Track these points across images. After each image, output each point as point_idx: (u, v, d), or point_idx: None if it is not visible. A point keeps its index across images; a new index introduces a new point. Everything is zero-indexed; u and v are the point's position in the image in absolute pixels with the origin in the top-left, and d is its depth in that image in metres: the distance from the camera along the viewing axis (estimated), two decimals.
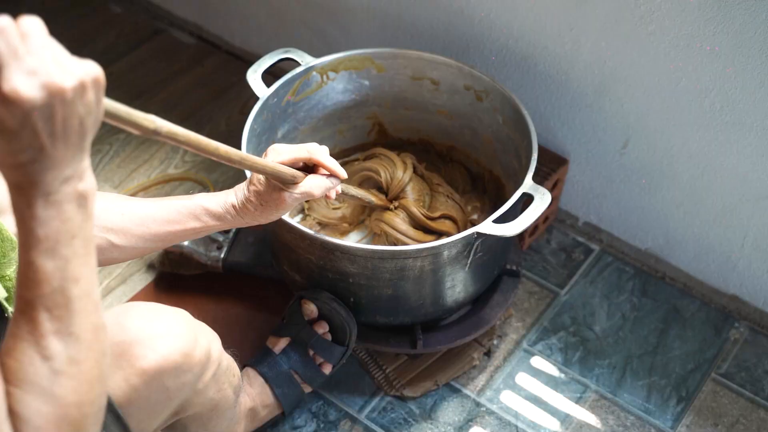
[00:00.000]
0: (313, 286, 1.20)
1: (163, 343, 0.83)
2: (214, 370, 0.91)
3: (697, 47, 1.15)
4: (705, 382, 1.29)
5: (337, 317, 1.19)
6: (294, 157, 0.96)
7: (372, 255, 1.10)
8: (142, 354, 0.81)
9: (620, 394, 1.28)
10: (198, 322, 0.92)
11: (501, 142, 1.33)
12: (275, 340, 1.22)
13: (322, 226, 1.35)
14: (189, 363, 0.85)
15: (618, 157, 1.35)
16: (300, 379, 1.20)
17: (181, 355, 0.84)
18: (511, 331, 1.36)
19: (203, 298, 1.40)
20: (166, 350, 0.83)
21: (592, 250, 1.47)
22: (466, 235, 1.07)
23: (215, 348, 0.93)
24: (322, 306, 1.20)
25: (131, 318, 0.83)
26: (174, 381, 0.85)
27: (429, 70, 1.34)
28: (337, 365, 1.22)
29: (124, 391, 0.81)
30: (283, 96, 1.28)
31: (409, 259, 1.10)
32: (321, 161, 0.97)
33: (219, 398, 0.98)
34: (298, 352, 1.20)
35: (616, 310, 1.38)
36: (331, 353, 1.20)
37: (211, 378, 0.91)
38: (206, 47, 1.87)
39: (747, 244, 1.30)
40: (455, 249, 1.10)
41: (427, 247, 1.08)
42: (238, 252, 1.37)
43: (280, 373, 1.19)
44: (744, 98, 1.15)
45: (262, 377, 1.19)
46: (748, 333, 1.35)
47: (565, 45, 1.28)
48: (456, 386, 1.29)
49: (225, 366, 0.96)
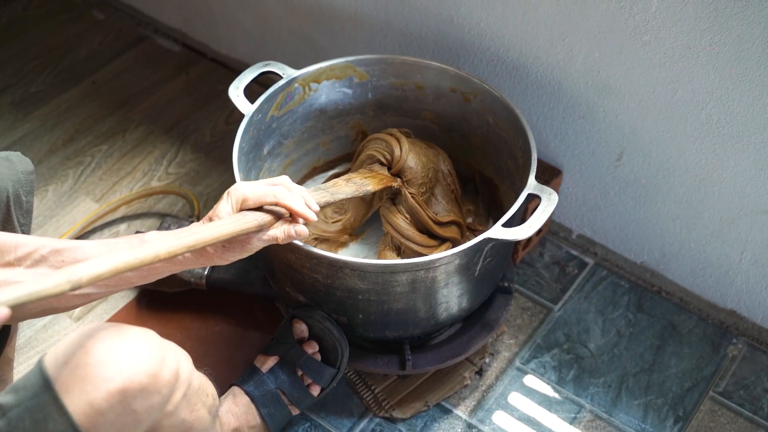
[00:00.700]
0: (319, 306, 1.16)
1: (129, 364, 0.79)
2: (184, 391, 0.87)
3: (694, 58, 1.11)
4: (703, 400, 1.26)
5: (329, 337, 1.16)
6: (260, 203, 0.94)
7: (384, 270, 1.07)
8: (107, 376, 0.78)
9: (616, 414, 1.24)
10: (166, 342, 0.88)
11: (492, 143, 1.30)
12: (263, 359, 1.18)
13: (320, 241, 1.31)
14: (156, 384, 0.82)
15: (612, 168, 1.32)
16: (287, 399, 1.17)
17: (147, 376, 0.80)
18: (503, 348, 1.32)
19: (186, 315, 1.36)
20: (132, 371, 0.79)
21: (586, 264, 1.44)
22: (478, 242, 1.04)
23: (185, 368, 0.89)
24: (314, 325, 1.17)
25: (95, 340, 0.79)
26: (141, 403, 0.81)
27: (412, 75, 1.31)
28: (327, 387, 1.18)
29: (89, 415, 0.77)
30: (267, 111, 1.25)
31: (420, 271, 1.07)
32: (289, 206, 0.95)
33: (192, 419, 0.94)
34: (286, 372, 1.17)
35: (611, 326, 1.35)
36: (320, 374, 1.17)
37: (181, 399, 0.88)
38: (191, 55, 1.83)
39: (745, 258, 1.26)
40: (467, 257, 1.08)
41: (439, 257, 1.05)
42: (222, 269, 1.33)
43: (267, 393, 1.15)
44: (742, 110, 1.12)
45: (248, 396, 1.15)
46: (747, 349, 1.32)
47: (557, 54, 1.25)
48: (447, 407, 1.25)
49: (197, 386, 0.93)
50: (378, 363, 1.21)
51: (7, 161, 0.96)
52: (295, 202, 0.96)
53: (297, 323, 1.17)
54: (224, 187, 1.56)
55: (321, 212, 1.34)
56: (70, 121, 1.68)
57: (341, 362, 1.17)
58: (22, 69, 1.79)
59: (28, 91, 1.75)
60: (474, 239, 1.05)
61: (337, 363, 1.17)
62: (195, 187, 1.56)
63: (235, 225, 0.91)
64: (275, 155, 1.31)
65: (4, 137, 1.65)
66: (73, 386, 0.76)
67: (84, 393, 0.76)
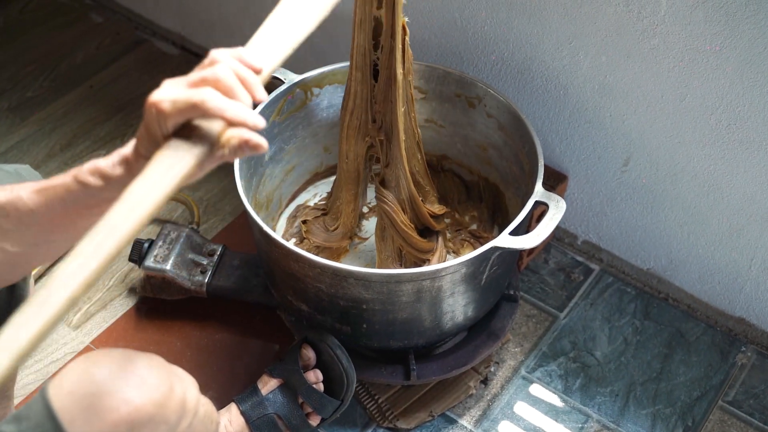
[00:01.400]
0: (322, 315, 1.14)
1: (136, 393, 0.76)
2: (190, 420, 0.85)
3: (703, 62, 1.09)
4: (712, 410, 1.24)
5: (337, 368, 1.13)
6: (185, 119, 0.67)
7: (389, 279, 1.05)
8: (113, 406, 0.75)
9: (623, 424, 1.22)
10: (173, 368, 0.86)
11: (497, 149, 1.28)
12: (266, 380, 1.16)
13: (320, 249, 1.29)
14: (163, 414, 0.79)
15: (619, 174, 1.30)
16: (283, 425, 1.14)
17: (154, 406, 0.78)
18: (508, 357, 1.30)
19: (187, 323, 1.34)
20: (139, 401, 0.76)
21: (592, 270, 1.42)
22: (485, 251, 1.03)
23: (191, 396, 0.86)
24: (323, 351, 1.14)
25: (100, 367, 0.77)
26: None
27: (416, 79, 1.29)
28: (328, 419, 1.16)
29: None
30: (268, 117, 1.23)
31: (426, 281, 1.05)
32: (227, 117, 0.67)
33: None
34: (287, 397, 1.14)
35: (617, 333, 1.33)
36: (321, 405, 1.14)
37: (187, 428, 0.85)
38: (190, 58, 1.81)
39: (755, 265, 1.24)
40: (473, 266, 1.06)
41: (446, 266, 1.03)
42: (222, 276, 1.31)
43: (263, 417, 1.12)
44: (752, 115, 1.10)
45: (243, 417, 1.13)
46: (756, 357, 1.30)
47: (563, 59, 1.23)
48: (451, 416, 1.23)
49: (202, 414, 0.90)
50: (382, 373, 1.19)
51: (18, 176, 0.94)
52: (233, 108, 0.67)
53: (305, 349, 1.14)
54: (224, 192, 1.54)
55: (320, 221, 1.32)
56: (67, 126, 1.66)
57: (346, 394, 1.14)
58: (18, 73, 1.77)
59: (25, 96, 1.72)
60: (481, 248, 1.03)
61: (342, 394, 1.14)
62: (194, 192, 1.53)
63: (162, 185, 0.65)
64: (277, 161, 1.29)
65: (1, 142, 1.63)
66: (78, 416, 0.73)
67: (89, 423, 0.73)
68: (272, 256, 1.14)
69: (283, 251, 1.06)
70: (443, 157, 1.39)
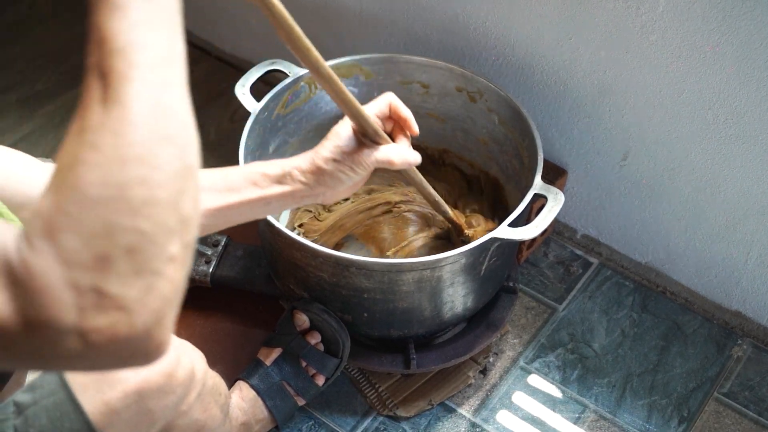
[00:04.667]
0: (324, 304, 1.16)
1: None
2: (198, 391, 0.88)
3: (701, 58, 1.11)
4: (707, 401, 1.25)
5: (328, 329, 1.16)
6: (378, 110, 0.90)
7: (389, 269, 1.07)
8: (122, 376, 0.78)
9: (620, 414, 1.24)
10: (181, 341, 0.89)
11: (498, 143, 1.30)
12: (267, 352, 1.19)
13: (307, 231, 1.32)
14: (171, 384, 0.82)
15: (618, 168, 1.32)
16: (292, 390, 1.17)
17: (163, 377, 0.81)
18: (507, 348, 1.32)
19: (191, 313, 1.36)
20: (148, 371, 0.80)
21: (590, 264, 1.43)
22: (484, 241, 1.04)
23: (199, 368, 0.89)
24: (313, 318, 1.17)
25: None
26: (156, 403, 0.82)
27: (418, 74, 1.31)
28: (331, 377, 1.19)
29: (104, 414, 0.78)
30: (273, 110, 1.25)
31: (426, 270, 1.07)
32: (402, 114, 0.91)
33: (205, 418, 0.95)
34: (290, 363, 1.17)
35: (615, 326, 1.35)
36: (323, 364, 1.17)
37: (195, 399, 0.88)
38: (196, 53, 1.83)
39: (751, 259, 1.26)
40: (472, 257, 1.08)
41: (445, 257, 1.05)
42: (226, 266, 1.33)
43: (272, 385, 1.16)
44: (749, 110, 1.12)
45: (253, 390, 1.16)
46: (752, 350, 1.32)
47: (563, 54, 1.24)
48: (450, 405, 1.25)
49: (210, 385, 0.93)
50: (382, 362, 1.21)
51: None
52: (407, 112, 0.92)
53: (297, 314, 1.18)
54: None
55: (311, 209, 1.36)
56: None
57: (343, 352, 1.17)
58: (27, 67, 1.80)
59: (33, 89, 1.75)
60: (480, 239, 1.05)
61: (339, 353, 1.17)
62: None
63: (362, 108, 0.87)
64: (281, 154, 1.31)
65: (10, 134, 1.65)
66: (89, 385, 0.76)
67: (100, 392, 0.77)
68: (275, 246, 1.16)
69: (287, 241, 1.08)
70: (444, 151, 1.41)
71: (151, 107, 0.50)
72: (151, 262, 0.49)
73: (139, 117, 0.49)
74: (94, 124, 0.49)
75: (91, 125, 0.49)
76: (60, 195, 0.48)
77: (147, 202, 0.49)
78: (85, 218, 0.47)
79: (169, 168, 0.50)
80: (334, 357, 1.17)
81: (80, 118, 0.49)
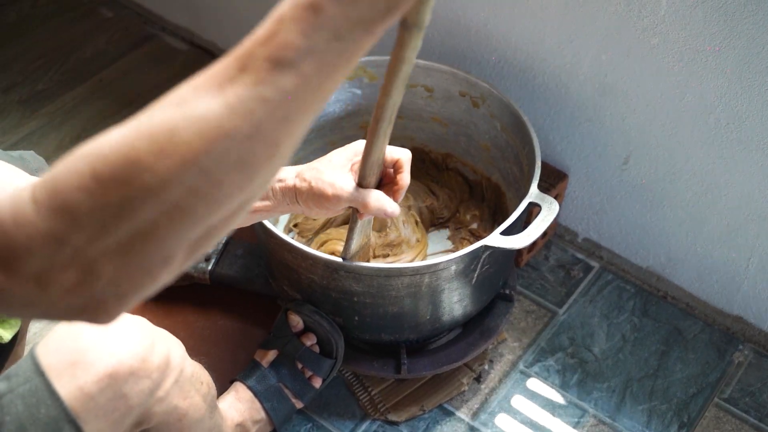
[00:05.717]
0: (316, 306, 1.16)
1: (117, 347, 0.80)
2: (175, 377, 0.88)
3: (702, 62, 1.10)
4: (708, 407, 1.25)
5: (320, 330, 1.16)
6: (389, 156, 0.90)
7: (378, 273, 1.06)
8: (96, 359, 0.78)
9: (620, 419, 1.23)
10: (157, 329, 0.89)
11: (499, 149, 1.29)
12: (263, 353, 1.19)
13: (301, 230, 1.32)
14: (146, 368, 0.82)
15: (619, 172, 1.31)
16: (290, 393, 1.17)
17: (136, 360, 0.81)
18: (507, 351, 1.32)
19: (190, 310, 1.36)
20: (121, 355, 0.80)
21: (591, 268, 1.43)
22: (474, 249, 1.04)
23: (176, 354, 0.89)
24: (305, 319, 1.17)
25: (85, 326, 0.80)
26: (131, 387, 0.82)
27: (422, 77, 1.31)
28: (327, 378, 1.19)
29: (80, 400, 0.78)
30: None
31: (416, 276, 1.06)
32: (401, 181, 0.90)
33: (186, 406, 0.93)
34: (287, 366, 1.17)
35: (615, 330, 1.34)
36: (319, 366, 1.17)
37: (173, 385, 0.88)
38: (199, 53, 1.83)
39: (752, 264, 1.25)
40: (463, 264, 1.07)
41: (435, 263, 1.04)
42: (226, 264, 1.33)
43: (270, 387, 1.16)
44: (751, 115, 1.11)
45: (251, 391, 1.16)
46: (753, 356, 1.31)
47: (564, 57, 1.24)
48: (449, 409, 1.25)
49: (189, 373, 0.92)
50: (374, 365, 1.21)
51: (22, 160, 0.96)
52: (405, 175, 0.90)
53: (291, 315, 1.18)
54: None
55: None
56: (77, 119, 1.68)
57: (337, 352, 1.17)
58: (29, 67, 1.80)
59: (35, 89, 1.75)
60: (470, 246, 1.04)
61: (333, 353, 1.17)
62: None
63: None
64: None
65: (11, 134, 1.65)
66: (64, 371, 0.77)
67: (74, 377, 0.77)
68: (269, 247, 1.16)
69: (278, 241, 1.08)
70: (447, 155, 1.40)
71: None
72: (150, 257, 0.48)
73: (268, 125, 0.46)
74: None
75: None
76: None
77: (207, 202, 0.47)
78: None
79: (249, 186, 0.48)
80: (329, 358, 1.17)
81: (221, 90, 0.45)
